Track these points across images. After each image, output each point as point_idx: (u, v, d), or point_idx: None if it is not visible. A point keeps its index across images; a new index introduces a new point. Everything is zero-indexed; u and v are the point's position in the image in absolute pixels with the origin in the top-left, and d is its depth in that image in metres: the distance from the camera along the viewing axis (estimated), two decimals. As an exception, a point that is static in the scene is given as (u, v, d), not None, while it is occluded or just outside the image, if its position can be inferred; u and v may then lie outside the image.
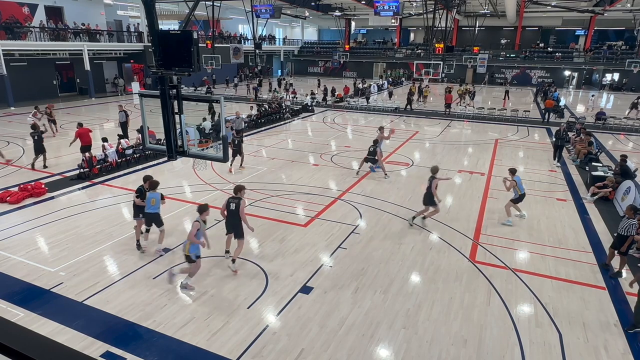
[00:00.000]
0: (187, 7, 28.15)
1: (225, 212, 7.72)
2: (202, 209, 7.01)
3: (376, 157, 13.07)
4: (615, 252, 7.80)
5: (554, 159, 15.25)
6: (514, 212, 10.14)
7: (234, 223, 7.64)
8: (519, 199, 9.87)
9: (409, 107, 27.12)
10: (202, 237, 6.88)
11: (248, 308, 6.63)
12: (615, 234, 8.00)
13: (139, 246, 8.41)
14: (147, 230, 8.76)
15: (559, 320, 6.47)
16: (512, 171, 9.99)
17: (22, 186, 11.19)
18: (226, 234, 7.95)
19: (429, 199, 9.51)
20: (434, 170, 9.61)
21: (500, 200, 11.35)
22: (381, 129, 14.42)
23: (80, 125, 13.71)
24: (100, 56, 32.05)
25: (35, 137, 13.30)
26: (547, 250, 8.76)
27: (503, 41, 48.37)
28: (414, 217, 9.81)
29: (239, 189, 7.77)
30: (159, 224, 8.24)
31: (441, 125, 22.59)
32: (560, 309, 6.75)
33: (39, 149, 13.37)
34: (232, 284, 7.27)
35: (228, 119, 14.62)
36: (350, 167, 14.36)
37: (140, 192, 8.25)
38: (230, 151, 11.72)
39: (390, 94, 33.79)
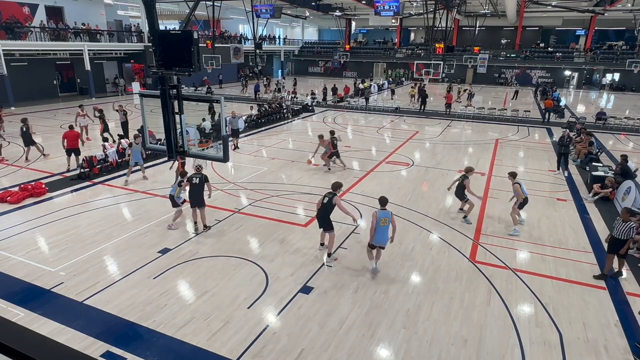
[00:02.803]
0: (187, 7, 28.17)
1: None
2: (382, 200, 7.66)
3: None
4: (615, 256, 7.63)
5: (558, 169, 14.13)
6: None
7: (324, 217, 8.08)
8: (523, 203, 9.39)
9: (423, 107, 27.09)
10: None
11: (248, 308, 6.63)
12: (609, 237, 7.77)
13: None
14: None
15: (559, 320, 6.47)
16: (513, 175, 9.63)
17: (22, 186, 11.20)
18: (319, 228, 8.39)
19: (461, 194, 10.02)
20: (466, 169, 10.09)
21: (501, 199, 11.36)
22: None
23: (70, 127, 13.72)
24: (101, 56, 32.06)
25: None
26: (547, 250, 8.76)
27: (503, 41, 48.35)
28: (465, 217, 10.16)
29: (337, 185, 8.28)
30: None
31: (441, 125, 22.59)
32: (560, 309, 6.75)
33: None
34: (232, 284, 7.28)
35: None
36: (351, 167, 14.37)
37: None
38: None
39: (393, 92, 34.02)
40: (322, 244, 8.51)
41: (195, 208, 9.16)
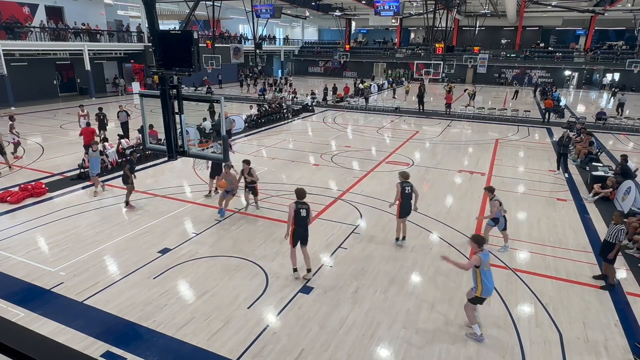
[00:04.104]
0: (187, 7, 28.15)
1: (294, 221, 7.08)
2: (480, 240, 6.00)
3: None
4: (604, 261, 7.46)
5: (558, 169, 14.01)
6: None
7: (305, 231, 7.22)
8: (504, 222, 8.52)
9: (422, 107, 27.06)
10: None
11: (248, 308, 6.63)
12: (602, 241, 7.67)
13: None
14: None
15: (559, 320, 6.47)
16: (491, 190, 8.58)
17: (22, 186, 11.20)
18: (293, 247, 7.30)
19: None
20: (407, 175, 8.79)
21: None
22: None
23: (87, 124, 13.83)
24: (101, 56, 32.07)
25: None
26: (547, 250, 8.75)
27: (503, 41, 48.36)
28: (398, 239, 8.85)
29: (305, 193, 7.29)
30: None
31: (441, 125, 22.59)
32: (560, 309, 6.75)
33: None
34: (232, 284, 7.28)
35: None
36: (351, 167, 14.37)
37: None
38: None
39: (394, 91, 34.64)
40: (295, 269, 7.47)
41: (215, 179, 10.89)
